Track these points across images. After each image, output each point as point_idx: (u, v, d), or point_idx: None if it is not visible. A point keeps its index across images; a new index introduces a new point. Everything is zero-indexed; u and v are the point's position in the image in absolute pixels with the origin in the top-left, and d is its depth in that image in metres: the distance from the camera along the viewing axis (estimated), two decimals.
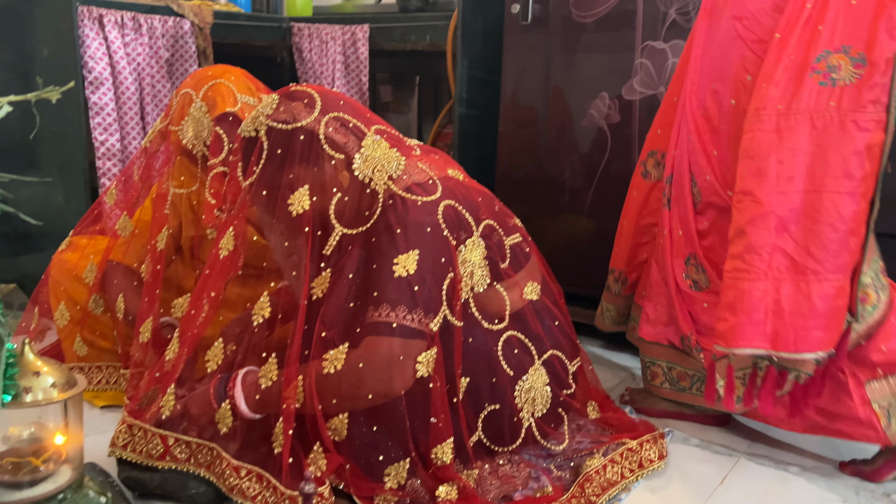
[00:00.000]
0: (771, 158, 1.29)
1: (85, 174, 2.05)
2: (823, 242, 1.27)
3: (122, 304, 1.63)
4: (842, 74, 1.26)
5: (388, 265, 1.23)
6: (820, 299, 1.27)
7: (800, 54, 1.29)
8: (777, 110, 1.28)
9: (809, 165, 1.28)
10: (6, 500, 0.91)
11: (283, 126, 1.27)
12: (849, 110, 1.25)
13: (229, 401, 1.24)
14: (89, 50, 2.00)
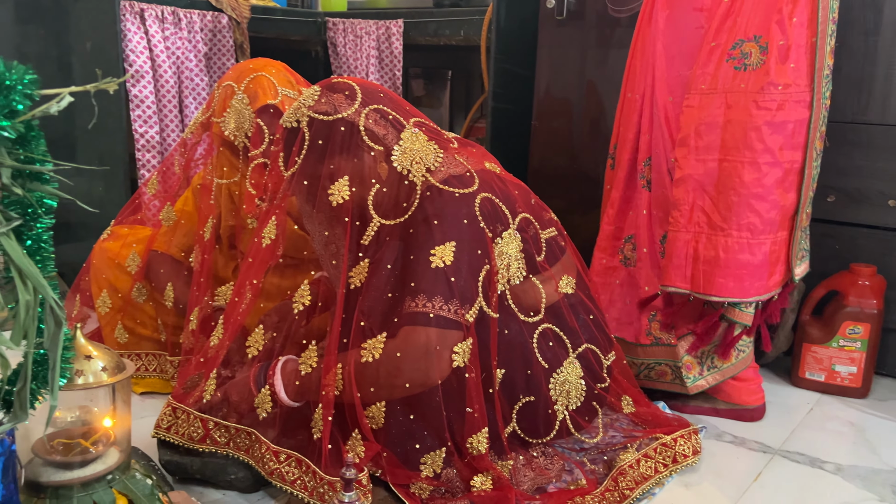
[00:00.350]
0: (691, 130, 1.50)
1: (125, 165, 2.09)
2: (728, 204, 1.48)
3: (172, 293, 1.66)
4: (752, 60, 1.45)
5: (425, 256, 1.24)
6: (724, 252, 1.49)
7: (721, 41, 1.48)
8: (701, 89, 1.49)
9: (723, 138, 1.48)
10: (58, 480, 0.94)
11: (325, 117, 1.29)
12: (752, 91, 1.44)
13: (269, 388, 1.26)
14: (130, 44, 2.04)
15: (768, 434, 1.60)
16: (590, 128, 2.07)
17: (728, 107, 1.47)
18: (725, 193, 1.49)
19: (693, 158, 1.51)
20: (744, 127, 1.45)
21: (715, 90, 1.48)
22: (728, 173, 1.48)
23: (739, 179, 1.47)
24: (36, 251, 0.80)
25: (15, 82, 0.72)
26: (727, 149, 1.48)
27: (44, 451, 0.96)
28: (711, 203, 1.51)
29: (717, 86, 1.48)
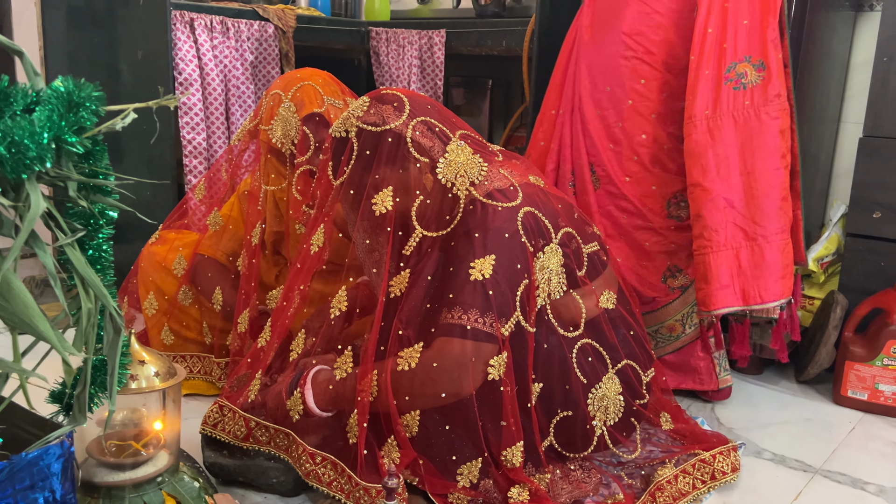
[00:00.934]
0: (709, 154, 1.58)
1: (172, 171, 2.14)
2: (764, 211, 1.57)
3: (220, 297, 1.70)
4: (749, 78, 1.58)
5: (464, 268, 1.25)
6: (771, 257, 1.58)
7: (713, 69, 1.59)
8: (705, 115, 1.58)
9: (740, 153, 1.58)
10: (111, 480, 0.97)
11: (373, 128, 1.31)
12: (760, 105, 1.58)
13: (298, 391, 1.29)
14: (180, 52, 2.09)
15: (809, 453, 1.58)
16: None
17: (737, 124, 1.58)
18: (757, 202, 1.57)
19: (717, 178, 1.58)
20: (761, 137, 1.57)
21: (721, 113, 1.58)
22: (753, 184, 1.58)
23: (769, 186, 1.57)
24: (97, 260, 0.83)
25: (83, 100, 0.75)
26: (747, 162, 1.58)
27: (98, 452, 1.00)
28: (742, 216, 1.58)
29: (721, 109, 1.58)
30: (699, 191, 1.59)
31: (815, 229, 2.22)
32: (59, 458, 0.84)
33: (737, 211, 1.58)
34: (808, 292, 2.06)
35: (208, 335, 1.74)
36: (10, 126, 0.68)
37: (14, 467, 0.79)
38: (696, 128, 1.58)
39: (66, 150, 0.74)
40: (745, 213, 1.58)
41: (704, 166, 1.58)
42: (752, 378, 1.99)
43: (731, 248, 1.58)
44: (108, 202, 0.82)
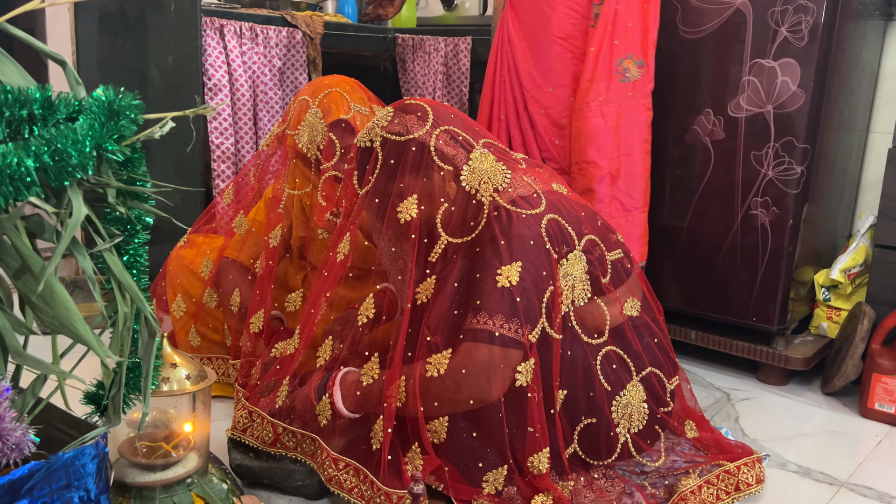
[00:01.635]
0: (602, 135, 1.81)
1: (201, 175, 2.17)
2: (636, 187, 1.86)
3: (238, 298, 1.72)
4: (632, 73, 1.83)
5: (491, 275, 1.26)
6: (637, 226, 1.88)
7: (607, 61, 1.82)
8: (599, 101, 1.81)
9: (623, 137, 1.83)
10: (142, 481, 0.99)
11: (397, 138, 1.33)
12: (639, 97, 1.83)
13: (327, 395, 1.30)
14: (209, 58, 2.12)
15: (835, 466, 1.57)
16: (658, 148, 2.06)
17: (621, 111, 1.82)
18: (632, 179, 1.85)
19: (606, 158, 1.83)
20: (638, 126, 1.84)
21: (611, 100, 1.81)
22: (630, 164, 1.85)
23: (641, 166, 1.87)
24: (133, 265, 0.85)
25: (123, 108, 0.77)
26: (627, 145, 1.84)
27: (130, 453, 1.01)
28: (621, 191, 1.85)
29: (611, 96, 1.81)
30: (593, 167, 1.83)
31: (843, 240, 2.20)
32: (94, 458, 0.86)
33: (618, 187, 1.84)
34: (835, 303, 2.04)
35: (229, 337, 1.76)
36: (55, 135, 0.70)
37: (51, 467, 0.81)
38: (592, 111, 1.82)
39: (106, 157, 0.76)
40: (624, 188, 1.85)
41: (599, 146, 1.82)
42: (777, 389, 1.98)
43: (613, 217, 1.85)
44: (145, 208, 0.84)
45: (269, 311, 1.64)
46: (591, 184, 1.83)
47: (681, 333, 2.08)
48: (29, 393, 0.84)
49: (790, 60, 1.80)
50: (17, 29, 0.75)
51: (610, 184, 1.83)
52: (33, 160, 0.68)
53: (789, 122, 1.82)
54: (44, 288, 0.71)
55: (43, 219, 0.76)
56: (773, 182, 1.86)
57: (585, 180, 1.84)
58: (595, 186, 1.83)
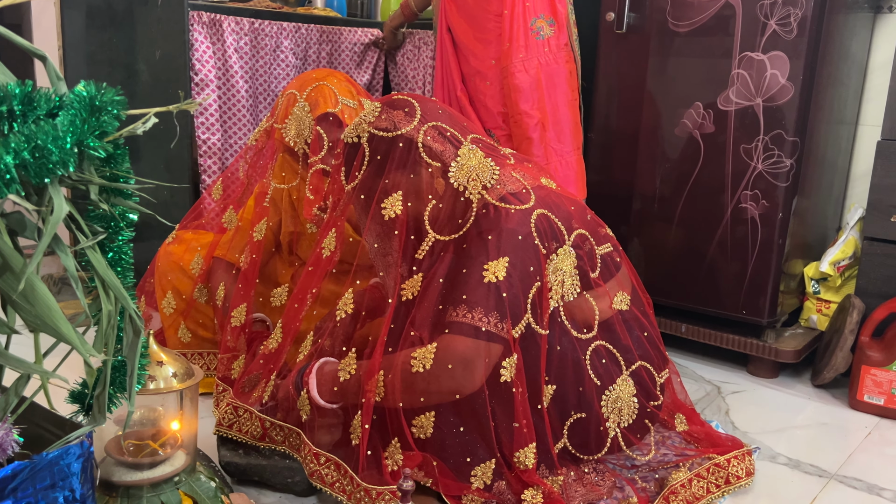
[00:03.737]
0: (527, 88, 1.96)
1: (189, 170, 2.15)
2: (565, 134, 2.01)
3: (222, 293, 1.72)
4: (545, 31, 1.97)
5: (477, 270, 1.25)
6: (571, 168, 2.02)
7: (521, 22, 1.97)
8: (521, 58, 1.96)
9: (546, 88, 1.97)
10: (129, 480, 0.98)
11: (384, 133, 1.32)
12: (553, 51, 1.98)
13: (305, 390, 1.29)
14: (197, 53, 2.10)
15: (824, 458, 1.57)
16: (648, 141, 2.06)
17: (541, 66, 1.96)
18: (560, 126, 1.99)
19: (537, 108, 1.97)
20: (559, 78, 1.99)
21: (531, 56, 1.96)
22: (556, 113, 1.99)
23: (565, 115, 2.01)
24: (117, 262, 0.84)
25: (105, 104, 0.76)
26: (552, 96, 1.98)
27: (116, 452, 1.01)
28: (553, 138, 1.99)
29: (531, 53, 1.96)
30: (525, 117, 1.97)
31: (833, 233, 2.21)
32: (79, 457, 0.85)
33: (548, 134, 1.98)
34: (825, 296, 2.05)
35: (218, 332, 1.76)
36: (35, 131, 0.69)
37: (35, 467, 0.80)
38: (516, 68, 1.96)
39: (88, 154, 0.74)
40: (553, 135, 1.99)
41: (527, 97, 1.96)
42: (768, 382, 1.98)
43: (550, 162, 1.99)
44: (129, 205, 0.83)
45: (252, 306, 1.63)
46: (528, 132, 1.98)
47: (671, 327, 2.09)
48: (12, 392, 0.83)
49: (779, 53, 1.80)
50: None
51: (542, 131, 1.99)
52: (12, 157, 0.67)
53: (779, 115, 1.83)
54: (25, 286, 0.70)
55: (24, 216, 0.75)
56: (763, 175, 1.87)
57: (521, 130, 1.99)
58: (531, 134, 1.98)
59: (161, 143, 2.20)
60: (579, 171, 2.06)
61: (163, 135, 2.18)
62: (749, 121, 1.87)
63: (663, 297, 2.06)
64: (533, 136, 1.98)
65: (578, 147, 2.06)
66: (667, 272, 2.06)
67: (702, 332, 2.05)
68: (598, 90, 2.16)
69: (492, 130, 2.08)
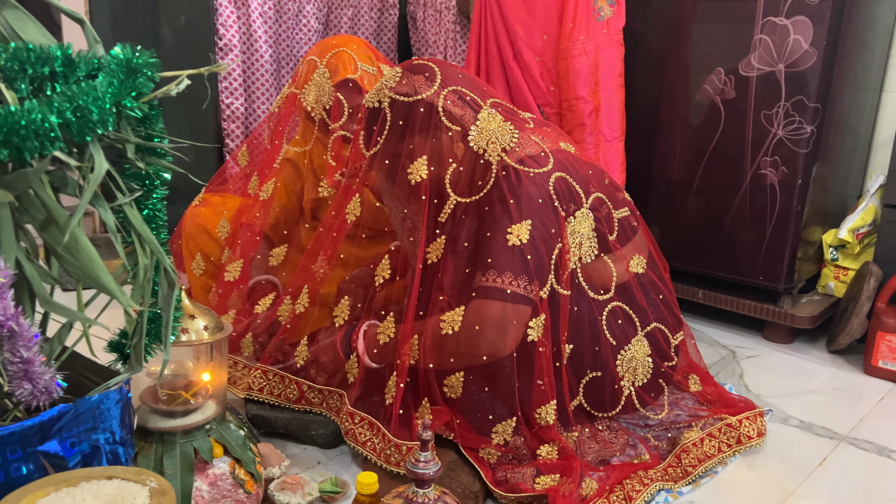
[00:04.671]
0: (586, 73, 1.98)
1: (214, 134, 2.19)
2: (615, 119, 2.02)
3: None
4: (605, 12, 1.97)
5: (501, 233, 1.28)
6: (618, 154, 2.04)
7: (585, 2, 1.96)
8: (581, 40, 1.96)
9: (602, 72, 1.98)
10: (163, 426, 1.04)
11: (405, 98, 1.34)
12: (612, 33, 1.98)
13: (354, 352, 1.35)
14: (220, 17, 2.12)
15: (837, 421, 1.60)
16: (668, 106, 2.06)
17: (599, 48, 1.97)
18: (611, 111, 2.00)
19: (592, 93, 1.98)
20: (613, 61, 1.99)
21: (591, 38, 1.96)
22: (609, 97, 1.99)
23: (617, 99, 2.01)
24: (152, 219, 0.88)
25: (140, 66, 0.79)
26: (606, 80, 1.98)
27: (151, 401, 1.06)
28: (604, 123, 2.00)
29: (591, 35, 1.96)
30: (582, 103, 1.98)
31: (854, 200, 2.21)
32: (118, 402, 0.90)
33: (599, 119, 1.99)
34: (843, 263, 2.06)
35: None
36: (76, 91, 0.72)
37: (78, 409, 0.86)
38: (577, 50, 1.96)
39: (125, 114, 0.78)
40: (604, 120, 1.99)
41: (585, 82, 1.97)
42: (783, 347, 2.01)
43: (600, 148, 2.01)
44: (163, 164, 0.86)
45: (249, 263, 1.68)
46: (582, 118, 1.99)
47: (688, 292, 2.11)
48: (55, 340, 0.88)
49: (803, 18, 1.79)
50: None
51: (596, 118, 2.00)
52: (56, 116, 0.71)
53: (801, 80, 1.82)
54: (69, 239, 0.74)
55: (66, 173, 0.79)
56: (783, 141, 1.87)
57: (576, 116, 2.00)
58: (585, 121, 1.99)
59: (186, 108, 2.23)
60: (623, 160, 2.06)
61: (188, 99, 2.20)
62: (770, 87, 1.86)
63: (681, 263, 2.08)
64: (587, 123, 1.99)
65: (623, 133, 2.05)
66: (685, 237, 2.07)
67: (718, 298, 2.07)
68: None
69: (542, 107, 2.07)
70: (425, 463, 1.01)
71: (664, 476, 1.32)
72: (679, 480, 1.32)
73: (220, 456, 1.07)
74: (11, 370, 0.75)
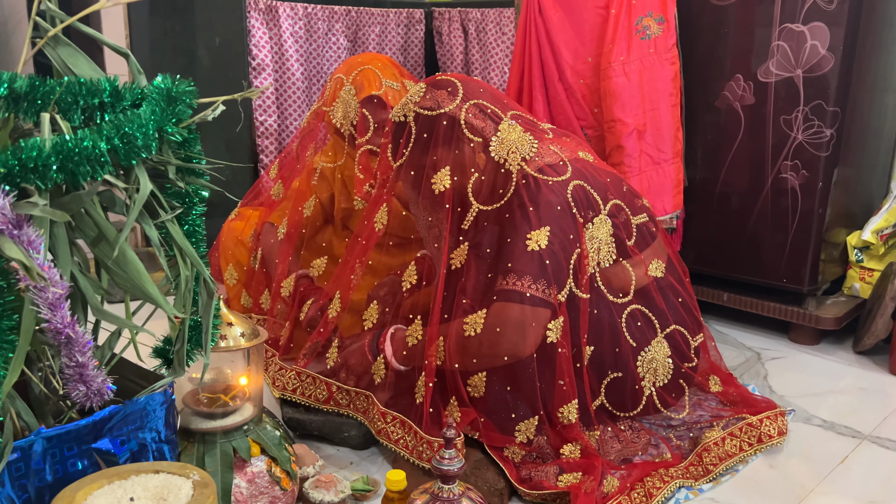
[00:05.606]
0: (626, 94, 1.93)
1: (248, 151, 2.29)
2: (664, 140, 1.98)
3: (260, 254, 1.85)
4: (653, 30, 1.94)
5: (521, 239, 1.34)
6: (667, 177, 2.00)
7: (626, 21, 1.93)
8: (621, 61, 1.92)
9: (647, 93, 1.94)
10: (204, 427, 1.11)
11: (429, 112, 1.41)
12: (661, 52, 1.95)
13: (381, 354, 1.41)
14: (254, 38, 2.22)
15: (860, 420, 1.61)
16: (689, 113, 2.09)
17: (644, 69, 1.93)
18: (660, 133, 1.97)
19: (632, 115, 1.94)
20: (662, 80, 1.96)
21: (633, 59, 1.93)
22: (656, 118, 1.96)
23: (668, 119, 1.98)
24: (192, 234, 0.96)
25: (180, 94, 0.87)
26: (652, 100, 1.95)
27: (193, 403, 1.13)
28: (649, 145, 1.97)
29: (633, 55, 1.93)
30: (620, 125, 1.94)
31: (878, 201, 2.21)
32: (163, 404, 0.98)
33: (645, 141, 1.96)
34: (868, 264, 2.07)
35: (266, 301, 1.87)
36: (122, 120, 0.80)
37: (127, 410, 0.93)
38: (615, 71, 1.93)
39: (166, 138, 0.86)
40: (651, 141, 1.96)
41: (624, 104, 1.93)
42: (808, 349, 2.02)
43: (644, 171, 1.97)
44: (201, 183, 0.94)
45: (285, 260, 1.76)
46: (620, 140, 1.95)
47: (713, 295, 2.14)
48: (106, 347, 0.95)
49: (819, 24, 1.82)
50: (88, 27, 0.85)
51: (637, 139, 1.95)
52: (105, 143, 0.79)
53: (819, 85, 1.85)
54: (118, 254, 0.82)
55: (114, 194, 0.86)
56: (803, 146, 1.89)
57: (614, 137, 1.96)
58: (623, 142, 1.95)
59: (223, 126, 2.33)
60: (677, 180, 2.02)
61: (224, 118, 2.29)
62: (789, 92, 1.89)
63: (705, 267, 2.11)
64: (625, 145, 1.94)
65: (678, 153, 2.01)
66: (708, 242, 2.10)
67: (743, 301, 2.09)
68: None
69: (585, 129, 2.05)
70: (450, 460, 1.07)
71: (685, 474, 1.35)
72: (700, 478, 1.36)
73: (258, 455, 1.14)
74: (68, 374, 0.83)
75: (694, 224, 2.13)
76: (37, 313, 0.75)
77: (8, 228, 0.71)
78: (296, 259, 1.79)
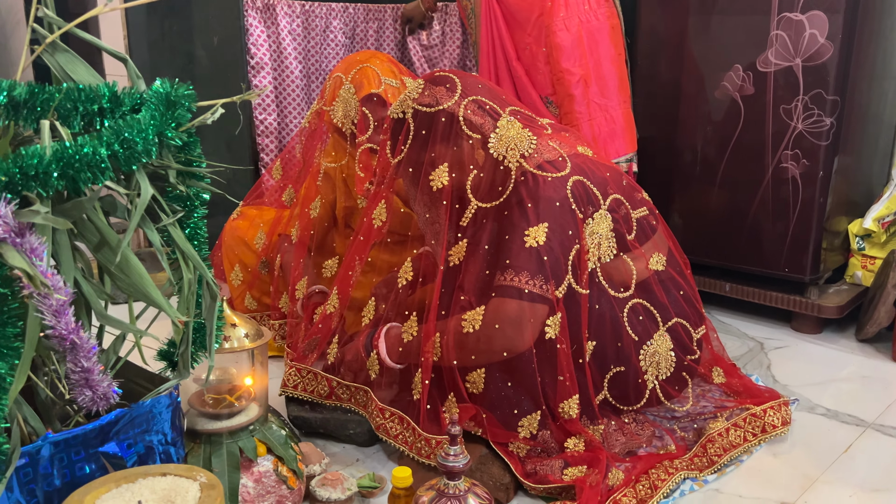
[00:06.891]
0: (568, 46, 2.04)
1: (248, 150, 2.29)
2: (608, 88, 2.08)
3: (278, 262, 1.86)
4: None
5: (519, 236, 1.34)
6: (615, 121, 2.09)
7: None
8: (561, 17, 2.04)
9: (589, 45, 2.05)
10: (210, 428, 1.12)
11: (427, 109, 1.41)
12: (594, 8, 2.07)
13: (375, 351, 1.42)
14: (252, 38, 2.22)
15: (864, 408, 1.62)
16: (688, 103, 2.09)
17: (582, 23, 2.04)
18: (603, 82, 2.07)
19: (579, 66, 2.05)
20: (600, 34, 2.07)
21: (571, 15, 2.03)
22: (599, 69, 2.06)
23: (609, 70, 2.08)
24: (193, 236, 0.96)
25: (179, 98, 0.87)
26: (595, 53, 2.06)
27: (199, 404, 1.14)
28: (596, 93, 2.07)
29: (571, 11, 2.03)
30: (567, 75, 2.05)
31: (880, 188, 2.21)
32: (169, 406, 0.98)
33: (591, 89, 2.06)
34: (870, 252, 2.07)
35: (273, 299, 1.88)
36: (122, 125, 0.80)
37: (133, 414, 0.94)
38: (557, 27, 2.04)
39: (166, 143, 0.86)
40: (597, 90, 2.06)
41: (569, 55, 2.04)
42: (811, 338, 2.02)
43: (594, 118, 2.06)
44: (202, 186, 0.94)
45: (312, 278, 1.76)
46: (569, 88, 2.06)
47: (715, 286, 2.14)
48: (111, 351, 0.96)
49: (818, 13, 1.82)
50: (86, 33, 0.85)
51: (584, 88, 2.06)
52: (106, 149, 0.79)
53: (818, 74, 1.84)
54: (120, 259, 0.82)
55: (115, 199, 0.87)
56: (803, 135, 1.89)
57: (563, 87, 2.07)
58: (573, 91, 2.06)
59: (222, 126, 2.32)
60: (627, 125, 2.11)
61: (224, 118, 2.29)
62: (788, 81, 1.89)
63: (706, 257, 2.11)
64: (574, 93, 2.05)
65: (626, 101, 2.11)
66: (710, 232, 2.10)
67: (745, 291, 2.10)
68: (640, 52, 2.19)
69: (549, 97, 2.13)
70: (454, 456, 1.07)
71: (689, 465, 1.36)
72: (704, 469, 1.36)
73: (264, 454, 1.14)
74: (73, 379, 0.84)
75: (695, 215, 2.13)
76: (41, 320, 0.76)
77: (10, 237, 0.72)
78: (308, 260, 1.80)
